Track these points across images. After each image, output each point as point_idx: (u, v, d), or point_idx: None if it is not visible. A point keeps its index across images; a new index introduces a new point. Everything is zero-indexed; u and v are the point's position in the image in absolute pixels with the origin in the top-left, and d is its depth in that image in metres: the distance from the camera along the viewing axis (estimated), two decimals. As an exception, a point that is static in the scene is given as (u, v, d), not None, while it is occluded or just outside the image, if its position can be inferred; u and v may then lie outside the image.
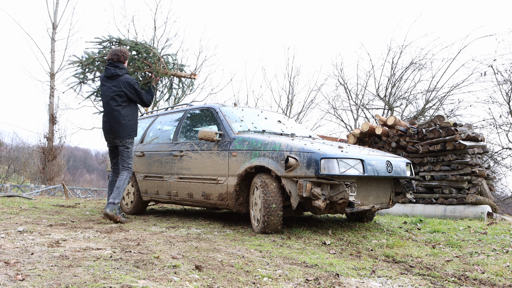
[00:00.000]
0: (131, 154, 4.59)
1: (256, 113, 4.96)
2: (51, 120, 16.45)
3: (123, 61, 4.47)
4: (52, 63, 16.66)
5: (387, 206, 3.97)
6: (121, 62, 4.46)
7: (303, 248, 3.04)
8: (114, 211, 4.27)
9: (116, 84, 4.41)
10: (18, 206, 5.78)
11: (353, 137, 7.40)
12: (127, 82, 4.42)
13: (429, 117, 14.37)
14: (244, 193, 4.00)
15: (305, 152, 3.45)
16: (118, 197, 4.36)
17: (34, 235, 3.21)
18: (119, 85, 4.40)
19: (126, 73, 4.51)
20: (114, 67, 4.42)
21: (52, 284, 1.87)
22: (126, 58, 4.51)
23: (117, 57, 4.43)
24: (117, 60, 4.44)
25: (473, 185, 6.18)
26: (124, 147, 4.52)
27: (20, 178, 31.10)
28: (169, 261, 2.40)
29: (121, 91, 4.40)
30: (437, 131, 6.37)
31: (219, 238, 3.43)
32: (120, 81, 4.41)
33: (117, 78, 4.42)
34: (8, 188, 18.91)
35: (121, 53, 4.45)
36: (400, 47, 15.05)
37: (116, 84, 4.41)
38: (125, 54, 4.50)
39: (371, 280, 2.24)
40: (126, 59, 4.52)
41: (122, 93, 4.41)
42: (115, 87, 4.41)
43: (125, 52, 4.50)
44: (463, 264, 2.70)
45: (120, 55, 4.43)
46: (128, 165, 4.54)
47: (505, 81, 12.57)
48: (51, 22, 16.73)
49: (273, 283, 2.07)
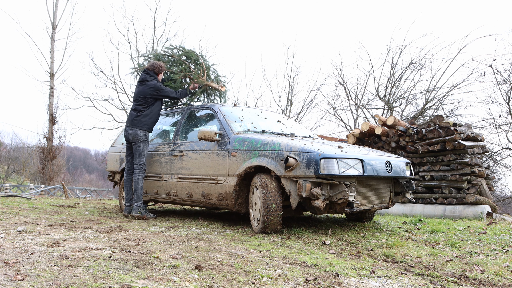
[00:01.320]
0: (143, 152, 4.85)
1: (255, 113, 4.96)
2: (51, 120, 16.45)
3: (157, 72, 5.00)
4: (52, 63, 16.65)
5: (386, 206, 3.97)
6: (155, 73, 4.99)
7: (303, 248, 3.04)
8: (139, 212, 4.77)
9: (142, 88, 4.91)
10: (18, 206, 5.78)
11: (352, 137, 7.40)
12: (152, 86, 4.87)
13: (429, 117, 14.37)
14: (244, 193, 4.00)
15: (305, 152, 3.45)
16: (139, 199, 4.81)
17: (33, 235, 3.21)
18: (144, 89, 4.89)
19: (154, 80, 4.96)
20: (146, 74, 4.95)
21: (52, 284, 1.87)
22: (160, 71, 5.02)
23: (152, 67, 4.98)
24: (152, 70, 4.98)
25: (473, 185, 6.19)
26: (136, 145, 4.85)
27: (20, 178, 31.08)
28: (169, 261, 2.40)
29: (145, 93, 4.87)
30: (437, 131, 6.38)
31: (218, 238, 3.43)
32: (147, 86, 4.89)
33: (145, 83, 4.92)
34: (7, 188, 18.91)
35: (157, 65, 5.01)
36: (400, 47, 15.03)
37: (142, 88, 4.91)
38: (160, 67, 5.02)
39: (370, 280, 2.24)
40: (161, 72, 5.04)
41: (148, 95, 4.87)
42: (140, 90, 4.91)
43: (161, 66, 5.03)
44: (462, 264, 2.70)
45: (156, 66, 4.99)
46: (139, 163, 4.83)
47: (504, 81, 12.57)
48: (50, 22, 16.72)
49: (272, 283, 2.07)
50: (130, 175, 5.04)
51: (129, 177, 5.04)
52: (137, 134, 4.82)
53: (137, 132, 4.82)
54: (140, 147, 4.84)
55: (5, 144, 33.04)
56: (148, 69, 5.02)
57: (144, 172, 4.88)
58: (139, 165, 4.83)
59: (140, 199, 4.81)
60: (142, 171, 4.85)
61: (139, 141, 4.83)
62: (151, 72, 4.98)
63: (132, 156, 5.00)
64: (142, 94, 4.88)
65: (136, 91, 4.98)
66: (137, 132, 4.82)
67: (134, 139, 4.83)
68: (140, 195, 4.81)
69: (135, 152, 4.88)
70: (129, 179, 5.04)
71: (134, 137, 4.82)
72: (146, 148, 4.91)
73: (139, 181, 4.82)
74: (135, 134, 4.82)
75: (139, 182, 4.81)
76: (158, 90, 4.87)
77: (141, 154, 4.85)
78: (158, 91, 4.87)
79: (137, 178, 4.82)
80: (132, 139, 4.84)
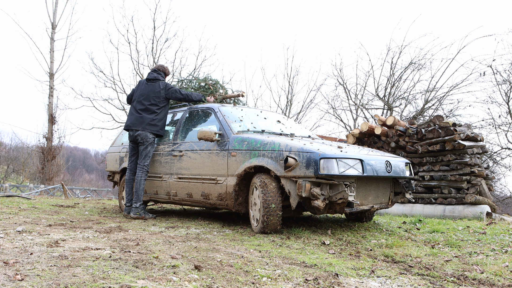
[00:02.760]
0: (149, 154, 4.87)
1: (255, 113, 4.96)
2: (50, 120, 16.44)
3: (167, 74, 5.18)
4: (52, 63, 16.65)
5: (386, 206, 3.98)
6: (165, 74, 5.15)
7: (303, 248, 3.04)
8: (137, 213, 4.78)
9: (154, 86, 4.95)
10: (17, 206, 5.78)
11: (352, 137, 7.40)
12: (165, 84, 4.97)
13: (428, 117, 14.38)
14: (244, 193, 3.99)
15: (305, 152, 3.45)
16: (138, 200, 4.82)
17: (33, 235, 3.21)
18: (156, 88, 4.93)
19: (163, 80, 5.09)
20: (157, 74, 5.06)
21: (51, 284, 1.87)
22: (168, 73, 5.22)
23: (162, 68, 5.15)
24: (162, 71, 5.13)
25: (472, 185, 6.19)
26: (143, 146, 4.86)
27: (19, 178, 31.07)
28: (168, 261, 2.40)
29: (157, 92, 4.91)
30: (436, 131, 6.38)
31: (218, 238, 3.43)
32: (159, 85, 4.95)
33: (157, 82, 4.99)
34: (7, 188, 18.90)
35: (165, 67, 5.23)
36: (400, 47, 15.05)
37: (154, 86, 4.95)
38: (167, 69, 5.24)
39: (370, 280, 2.24)
40: (168, 74, 5.22)
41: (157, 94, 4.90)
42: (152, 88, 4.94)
43: (166, 68, 5.20)
44: (462, 264, 2.70)
45: (165, 67, 5.20)
46: (143, 164, 4.84)
47: (504, 81, 12.58)
48: (50, 22, 16.73)
49: (272, 283, 2.07)
50: (132, 176, 5.01)
51: (131, 178, 5.01)
52: (147, 136, 4.80)
53: (147, 134, 4.80)
54: (147, 149, 4.83)
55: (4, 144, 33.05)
56: (158, 69, 5.09)
57: (146, 174, 4.87)
58: (143, 167, 4.82)
59: (139, 200, 4.81)
60: (145, 172, 4.85)
61: (148, 143, 4.82)
62: (162, 73, 5.06)
63: (137, 157, 4.98)
64: (154, 93, 4.87)
65: (147, 90, 4.92)
66: (147, 134, 4.80)
67: (143, 140, 4.80)
68: (140, 196, 4.81)
69: (141, 153, 4.85)
70: (131, 179, 5.01)
71: (143, 138, 4.80)
72: (152, 150, 4.91)
73: (141, 182, 4.81)
74: (145, 136, 4.79)
75: (140, 183, 4.81)
76: (171, 89, 4.90)
77: (147, 156, 4.84)
78: (170, 89, 4.89)
79: (139, 179, 4.81)
80: (141, 140, 4.81)
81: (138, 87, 5.07)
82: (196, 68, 17.90)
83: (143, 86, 4.99)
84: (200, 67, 18.00)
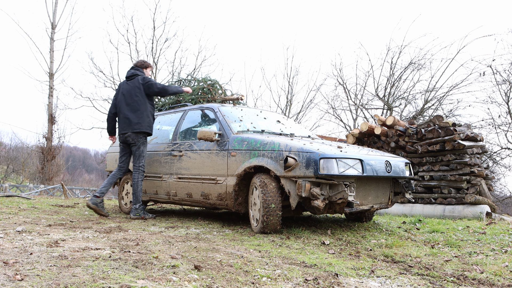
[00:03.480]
0: (142, 154, 4.84)
1: (255, 113, 4.96)
2: (50, 120, 16.44)
3: (146, 66, 5.10)
4: (51, 63, 16.65)
5: (386, 206, 3.98)
6: (144, 67, 5.08)
7: (302, 248, 3.04)
8: (137, 214, 4.77)
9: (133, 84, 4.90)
10: (17, 206, 5.78)
11: (352, 137, 7.40)
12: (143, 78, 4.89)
13: (428, 117, 14.38)
14: (243, 193, 3.99)
15: (304, 152, 3.45)
16: (137, 201, 4.81)
17: (33, 235, 3.21)
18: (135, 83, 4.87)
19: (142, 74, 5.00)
20: (135, 70, 4.99)
21: (51, 284, 1.87)
22: (147, 66, 5.13)
23: (140, 63, 5.09)
24: (140, 66, 5.07)
25: (472, 185, 6.19)
26: (136, 147, 4.81)
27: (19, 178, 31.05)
28: (168, 261, 2.40)
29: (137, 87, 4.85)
30: (436, 131, 6.38)
31: (218, 238, 3.43)
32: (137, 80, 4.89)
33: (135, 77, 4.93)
34: (7, 188, 18.89)
35: (144, 61, 5.17)
36: (399, 47, 15.06)
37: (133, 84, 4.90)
38: (147, 62, 5.18)
39: (370, 280, 2.24)
40: (148, 67, 5.13)
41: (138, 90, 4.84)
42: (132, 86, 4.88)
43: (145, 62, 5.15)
44: (462, 264, 2.71)
45: (144, 62, 5.14)
46: (138, 165, 4.82)
47: (504, 81, 12.59)
48: (50, 22, 16.73)
49: (272, 283, 2.07)
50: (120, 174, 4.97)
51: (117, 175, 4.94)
52: (138, 136, 4.77)
53: (137, 134, 4.77)
54: (140, 149, 4.80)
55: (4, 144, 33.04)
56: (136, 65, 5.07)
57: (143, 174, 4.85)
58: (138, 167, 4.80)
59: (138, 201, 4.80)
60: (142, 173, 4.82)
61: (139, 143, 4.79)
62: (139, 68, 5.02)
63: (126, 157, 4.97)
64: (135, 90, 4.80)
65: (128, 88, 4.85)
66: (137, 134, 4.77)
67: (134, 141, 4.78)
68: (139, 197, 4.80)
69: (134, 154, 4.83)
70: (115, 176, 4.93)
71: (134, 139, 4.77)
72: (145, 149, 4.88)
73: (138, 184, 4.79)
74: (135, 136, 4.76)
75: (138, 184, 4.79)
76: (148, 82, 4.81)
77: (141, 156, 4.82)
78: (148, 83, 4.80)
79: (136, 180, 4.79)
80: (132, 140, 4.78)
81: (119, 90, 4.98)
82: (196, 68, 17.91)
83: (124, 86, 4.93)
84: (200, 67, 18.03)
